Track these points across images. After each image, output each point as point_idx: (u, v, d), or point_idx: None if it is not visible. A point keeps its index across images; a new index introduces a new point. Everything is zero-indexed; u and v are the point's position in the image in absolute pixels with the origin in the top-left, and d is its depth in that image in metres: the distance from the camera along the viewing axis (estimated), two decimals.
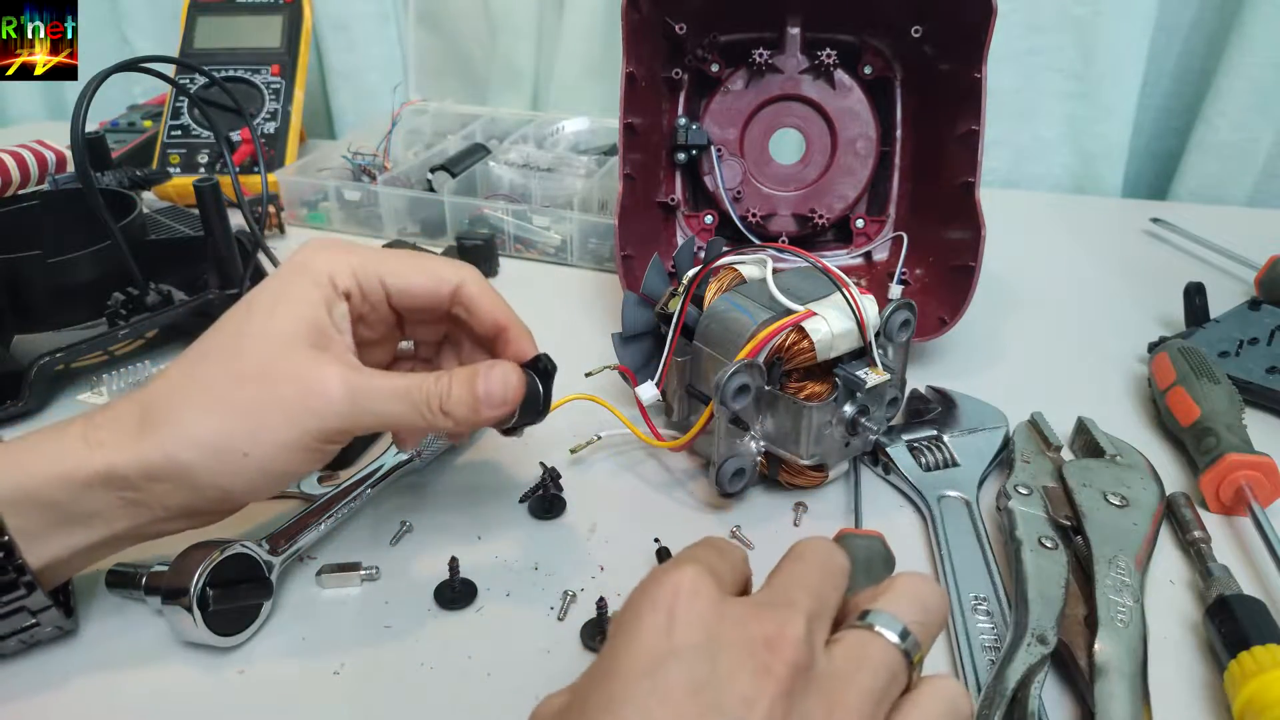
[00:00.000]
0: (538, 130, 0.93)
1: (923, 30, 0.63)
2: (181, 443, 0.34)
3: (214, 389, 0.35)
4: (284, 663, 0.39)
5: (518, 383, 0.38)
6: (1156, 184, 1.00)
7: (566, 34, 1.02)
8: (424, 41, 1.08)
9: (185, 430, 0.34)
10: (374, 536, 0.46)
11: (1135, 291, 0.73)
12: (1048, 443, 0.51)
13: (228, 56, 0.94)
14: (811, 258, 0.48)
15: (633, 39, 0.61)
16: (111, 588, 0.40)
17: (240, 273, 0.64)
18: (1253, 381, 0.56)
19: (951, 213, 0.62)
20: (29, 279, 0.57)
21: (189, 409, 0.34)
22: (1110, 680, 0.35)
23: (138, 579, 0.39)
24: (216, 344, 0.36)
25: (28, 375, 0.54)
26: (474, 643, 0.40)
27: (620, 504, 0.48)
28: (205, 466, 0.34)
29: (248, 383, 0.34)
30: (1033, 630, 0.37)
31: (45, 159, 0.79)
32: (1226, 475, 0.46)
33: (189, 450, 0.34)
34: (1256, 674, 0.35)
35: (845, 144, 0.67)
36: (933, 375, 0.60)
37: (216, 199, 0.62)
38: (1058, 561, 0.41)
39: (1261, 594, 0.42)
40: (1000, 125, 0.93)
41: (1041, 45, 0.91)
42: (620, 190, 0.63)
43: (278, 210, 0.83)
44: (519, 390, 0.38)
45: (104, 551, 0.36)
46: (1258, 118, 0.88)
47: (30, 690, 0.37)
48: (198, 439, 0.34)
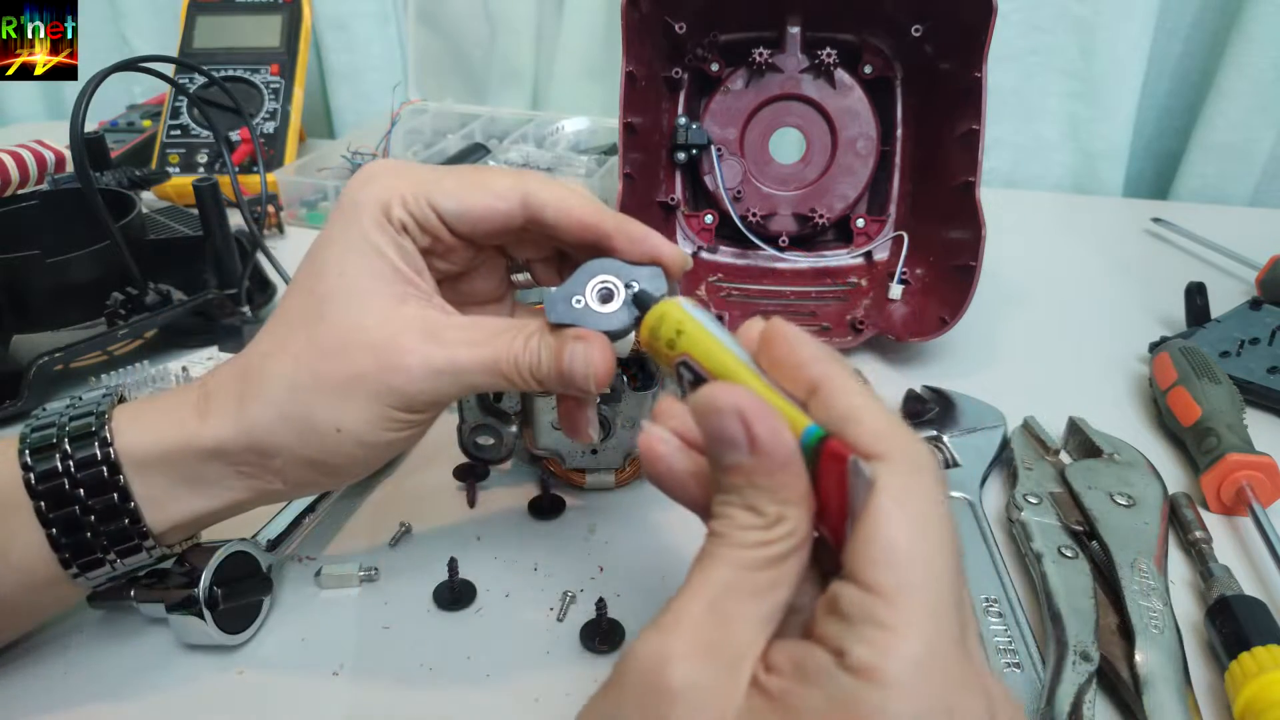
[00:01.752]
0: (537, 130, 0.93)
1: (923, 30, 0.63)
2: (274, 422, 0.32)
3: (301, 361, 0.33)
4: (283, 664, 0.39)
5: (601, 363, 0.31)
6: (1157, 184, 0.99)
7: (566, 33, 1.02)
8: (423, 41, 1.07)
9: (277, 409, 0.32)
10: (373, 538, 0.46)
11: (1136, 291, 0.73)
12: (1046, 447, 0.50)
13: (227, 56, 0.94)
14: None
15: (632, 38, 0.61)
16: (94, 602, 0.39)
17: (239, 272, 0.64)
18: (1254, 381, 0.55)
19: (952, 212, 0.62)
20: (28, 279, 0.57)
21: (278, 386, 0.33)
22: (1158, 690, 0.35)
23: (124, 591, 0.38)
24: (298, 307, 0.33)
25: (27, 375, 0.54)
26: (473, 644, 0.40)
27: (620, 504, 0.48)
28: (303, 443, 0.33)
29: (330, 356, 0.32)
30: (1074, 647, 0.36)
31: (44, 159, 0.79)
32: (1227, 475, 0.46)
33: (283, 430, 0.32)
34: (1257, 674, 0.35)
35: (845, 143, 0.67)
36: (933, 375, 0.60)
37: (215, 199, 0.62)
38: (1081, 571, 0.41)
39: (1262, 594, 0.42)
40: (1001, 125, 0.93)
41: (1042, 45, 0.91)
42: (620, 190, 0.63)
43: (277, 210, 0.83)
44: (603, 372, 0.31)
45: (230, 513, 0.36)
46: (1259, 118, 0.88)
47: (29, 714, 0.36)
48: (289, 416, 0.32)
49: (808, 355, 0.25)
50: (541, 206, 0.33)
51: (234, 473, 0.34)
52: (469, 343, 0.32)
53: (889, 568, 0.21)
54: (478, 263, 0.36)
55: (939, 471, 0.24)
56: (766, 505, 0.23)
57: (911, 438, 0.24)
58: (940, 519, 0.23)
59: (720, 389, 0.24)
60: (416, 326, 0.32)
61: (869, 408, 0.24)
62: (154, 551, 0.35)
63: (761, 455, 0.23)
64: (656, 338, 0.29)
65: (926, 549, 0.22)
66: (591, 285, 0.32)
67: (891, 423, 0.24)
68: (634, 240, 0.33)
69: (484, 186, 0.33)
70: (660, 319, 0.29)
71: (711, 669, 0.22)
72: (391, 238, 0.33)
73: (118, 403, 0.35)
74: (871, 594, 0.21)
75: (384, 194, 0.33)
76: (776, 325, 0.26)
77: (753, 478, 0.24)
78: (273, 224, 0.82)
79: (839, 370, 0.25)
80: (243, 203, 0.66)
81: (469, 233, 0.34)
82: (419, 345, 0.32)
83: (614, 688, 0.24)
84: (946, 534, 0.22)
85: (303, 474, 0.34)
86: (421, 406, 0.33)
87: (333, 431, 0.32)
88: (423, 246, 0.34)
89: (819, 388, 0.25)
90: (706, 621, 0.23)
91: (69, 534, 0.33)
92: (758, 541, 0.23)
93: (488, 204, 0.33)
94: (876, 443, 0.23)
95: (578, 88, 1.04)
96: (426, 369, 0.32)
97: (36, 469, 0.33)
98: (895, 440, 0.23)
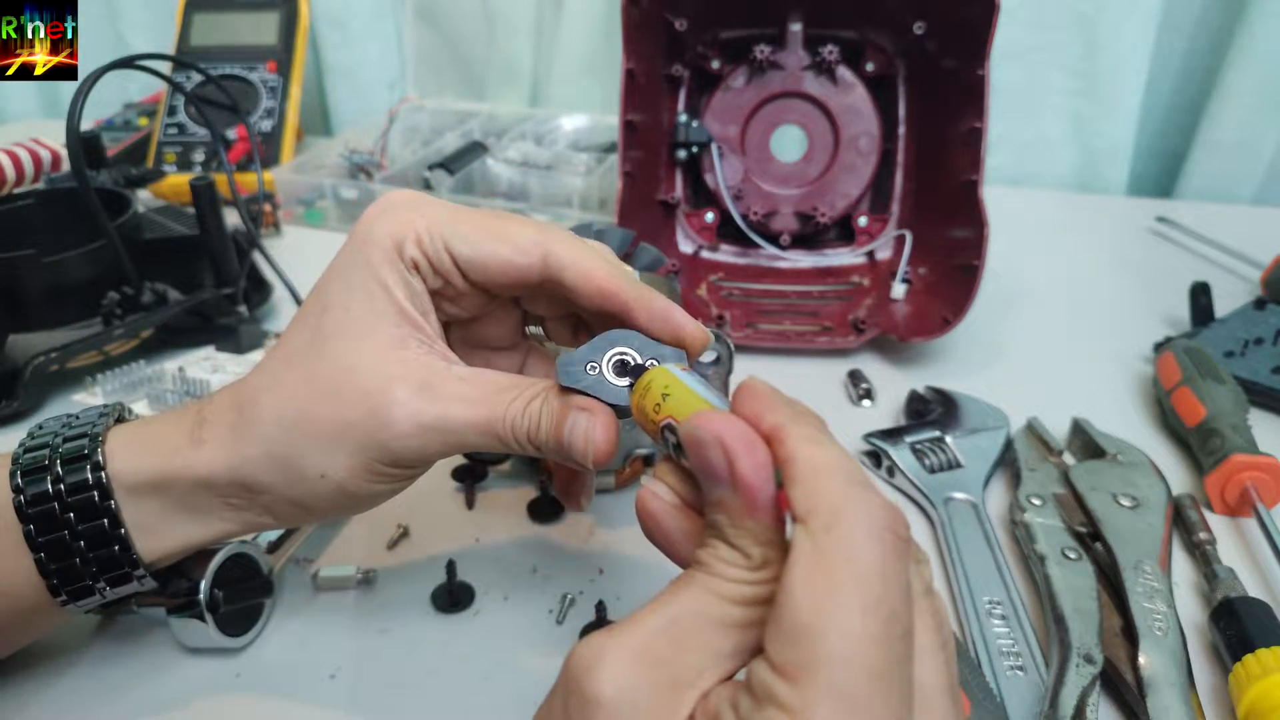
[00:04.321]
0: (536, 127, 0.93)
1: (925, 27, 0.62)
2: (261, 459, 0.32)
3: (293, 400, 0.32)
4: (280, 666, 0.38)
5: (603, 442, 0.29)
6: (1162, 182, 0.99)
7: (565, 30, 1.02)
8: (422, 38, 1.07)
9: (265, 446, 0.32)
10: (371, 540, 0.45)
11: (1140, 291, 0.72)
12: (1049, 447, 0.50)
13: (223, 54, 0.93)
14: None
15: (633, 35, 0.60)
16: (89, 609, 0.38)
17: (236, 271, 0.64)
18: (1258, 381, 0.55)
19: (955, 211, 0.61)
20: (24, 278, 0.57)
21: (269, 422, 0.32)
22: (1162, 693, 0.35)
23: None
24: (300, 342, 0.32)
25: (22, 375, 0.54)
26: (471, 646, 0.39)
27: (620, 506, 0.48)
28: (288, 484, 0.32)
29: (322, 399, 0.31)
30: (1077, 649, 0.36)
31: (40, 157, 0.79)
32: (1232, 476, 0.46)
33: (270, 469, 0.32)
34: (1261, 676, 0.34)
35: (847, 141, 0.66)
36: (936, 375, 0.59)
37: (212, 198, 0.62)
38: (1085, 573, 0.40)
39: (1266, 596, 0.41)
40: (1004, 123, 0.93)
41: (1045, 42, 0.91)
42: (620, 188, 0.62)
43: (274, 209, 0.82)
44: (603, 450, 0.29)
45: (219, 541, 0.35)
46: (1263, 116, 0.87)
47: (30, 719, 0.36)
48: (276, 456, 0.32)
49: (765, 405, 0.24)
50: (562, 269, 0.31)
51: (223, 504, 0.33)
52: (464, 399, 0.31)
53: (792, 644, 0.20)
54: (491, 309, 0.35)
55: (875, 529, 0.21)
56: (751, 547, 0.22)
57: (844, 491, 0.21)
58: (860, 586, 0.20)
59: (706, 418, 0.23)
60: (413, 375, 0.31)
61: (807, 458, 0.22)
62: (145, 581, 0.34)
63: (743, 491, 0.22)
64: (645, 401, 0.28)
65: (837, 622, 0.19)
66: (610, 355, 0.30)
67: (824, 475, 0.21)
68: (654, 314, 0.31)
69: (504, 237, 0.31)
70: (649, 384, 0.28)
71: (649, 685, 0.21)
72: (401, 275, 0.31)
73: (115, 423, 0.35)
74: (775, 672, 0.20)
75: (399, 229, 0.31)
76: (748, 380, 0.25)
77: (736, 517, 0.23)
78: (269, 223, 0.82)
79: (793, 418, 0.23)
80: (240, 201, 0.65)
81: (483, 282, 0.32)
82: (410, 398, 0.30)
83: (554, 690, 0.23)
84: (869, 602, 0.20)
85: (289, 511, 0.33)
86: (408, 462, 0.32)
87: (317, 477, 0.31)
88: (433, 288, 0.32)
89: (772, 438, 0.23)
90: (661, 636, 0.22)
91: (57, 559, 0.32)
92: (739, 579, 0.22)
93: (506, 257, 0.31)
94: (802, 499, 0.21)
95: (577, 85, 1.04)
96: (414, 424, 0.30)
97: (27, 491, 0.32)
98: (821, 497, 0.21)
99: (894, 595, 0.20)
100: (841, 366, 0.61)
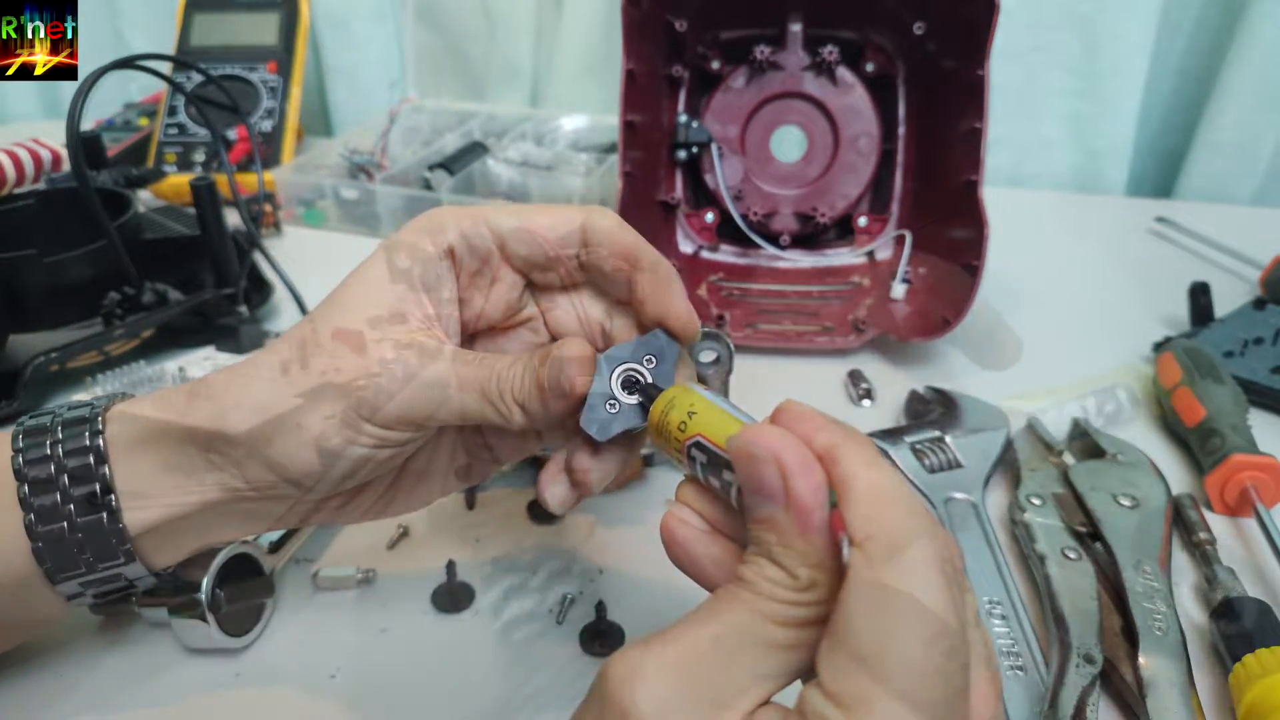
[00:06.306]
0: (536, 128, 0.93)
1: (925, 27, 0.62)
2: (245, 410, 0.32)
3: (289, 350, 0.32)
4: (280, 666, 0.38)
5: (578, 358, 0.30)
6: (1161, 182, 0.99)
7: (566, 30, 1.02)
8: (422, 38, 1.07)
9: (253, 395, 0.32)
10: (370, 540, 0.45)
11: (1139, 291, 0.72)
12: (1049, 447, 0.50)
13: (224, 54, 0.93)
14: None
15: (633, 35, 0.60)
16: (96, 609, 0.38)
17: (236, 272, 0.64)
18: (1258, 381, 0.55)
19: (955, 211, 0.61)
20: (24, 278, 0.57)
21: (264, 372, 0.32)
22: (1162, 693, 0.35)
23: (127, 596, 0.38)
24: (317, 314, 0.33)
25: (23, 375, 0.54)
26: (471, 646, 0.39)
27: (621, 506, 0.48)
28: (261, 433, 0.31)
29: (315, 348, 0.32)
30: (1077, 649, 0.36)
31: (41, 158, 0.79)
32: (1231, 476, 0.46)
33: (250, 414, 0.31)
34: (1262, 676, 0.34)
35: (847, 141, 0.66)
36: (937, 375, 0.59)
37: (213, 198, 0.62)
38: (1085, 573, 0.40)
39: (1266, 596, 0.41)
40: (1004, 123, 0.92)
41: (1045, 42, 0.91)
42: (620, 188, 0.62)
43: (274, 209, 0.82)
44: (578, 371, 0.30)
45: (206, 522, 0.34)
46: (1263, 115, 0.87)
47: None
48: (259, 403, 0.31)
49: (815, 425, 0.23)
50: (599, 230, 0.33)
51: (205, 462, 0.33)
52: (456, 358, 0.31)
53: (850, 674, 0.20)
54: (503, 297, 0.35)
55: (938, 560, 0.20)
56: (799, 568, 0.22)
57: (906, 520, 0.21)
58: (923, 619, 0.20)
59: (760, 432, 0.22)
60: (405, 338, 0.32)
61: (864, 479, 0.22)
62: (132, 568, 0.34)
63: (797, 511, 0.22)
64: (667, 420, 0.28)
65: (899, 654, 0.19)
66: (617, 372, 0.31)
67: (885, 500, 0.21)
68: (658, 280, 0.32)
69: (546, 210, 0.33)
70: (670, 403, 0.28)
71: (690, 703, 0.21)
72: (426, 263, 0.32)
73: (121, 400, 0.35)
74: (830, 701, 0.20)
75: (439, 216, 0.33)
76: (788, 402, 0.25)
77: (785, 537, 0.22)
78: (270, 223, 0.82)
79: (846, 438, 0.23)
80: (240, 202, 0.65)
81: (525, 253, 0.33)
82: (399, 354, 0.31)
83: (587, 700, 0.22)
84: (931, 635, 0.20)
85: (261, 474, 0.32)
86: (391, 421, 0.31)
87: (293, 426, 0.31)
88: (471, 271, 0.33)
89: (825, 458, 0.23)
90: (702, 653, 0.21)
91: (46, 522, 0.32)
92: (786, 599, 0.22)
93: (549, 221, 0.33)
94: (861, 523, 0.21)
95: (577, 85, 1.04)
96: (401, 375, 0.31)
97: (27, 453, 0.33)
98: (881, 523, 0.21)
99: (954, 629, 0.20)
100: (841, 366, 0.61)
